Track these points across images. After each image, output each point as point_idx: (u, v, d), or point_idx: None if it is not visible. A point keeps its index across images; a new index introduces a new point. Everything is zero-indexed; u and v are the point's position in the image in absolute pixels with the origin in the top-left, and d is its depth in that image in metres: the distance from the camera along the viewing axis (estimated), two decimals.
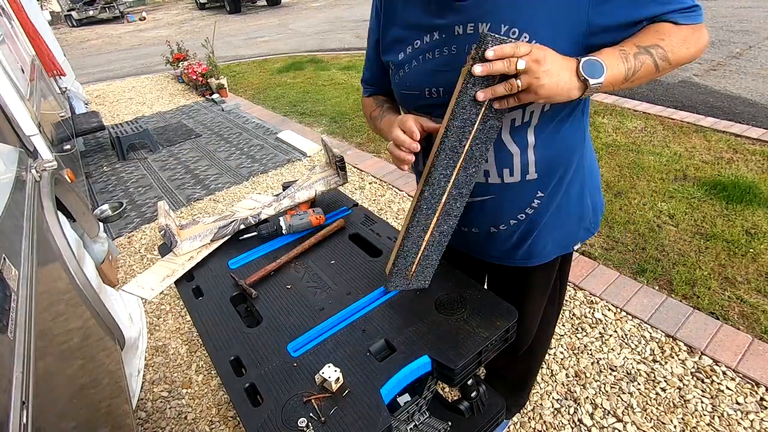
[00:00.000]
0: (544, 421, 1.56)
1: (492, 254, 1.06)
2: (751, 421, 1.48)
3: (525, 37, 0.74)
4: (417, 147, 0.84)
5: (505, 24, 0.75)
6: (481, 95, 0.71)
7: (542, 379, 1.70)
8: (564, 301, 1.57)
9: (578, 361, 1.75)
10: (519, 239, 1.01)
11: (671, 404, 1.56)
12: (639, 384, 1.64)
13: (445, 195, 0.84)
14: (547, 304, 1.22)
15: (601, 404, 1.59)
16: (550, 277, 1.14)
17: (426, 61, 0.85)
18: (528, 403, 1.62)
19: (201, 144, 4.23)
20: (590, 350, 1.79)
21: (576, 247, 1.09)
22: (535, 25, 0.74)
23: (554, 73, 0.68)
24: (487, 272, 1.26)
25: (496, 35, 0.67)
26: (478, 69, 0.68)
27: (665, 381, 1.64)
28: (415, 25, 0.86)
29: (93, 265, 1.73)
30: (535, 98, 0.70)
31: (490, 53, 0.66)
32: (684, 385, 1.62)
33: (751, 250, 2.17)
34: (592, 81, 0.69)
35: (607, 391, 1.63)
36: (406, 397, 1.01)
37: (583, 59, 0.70)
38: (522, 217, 0.97)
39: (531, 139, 0.86)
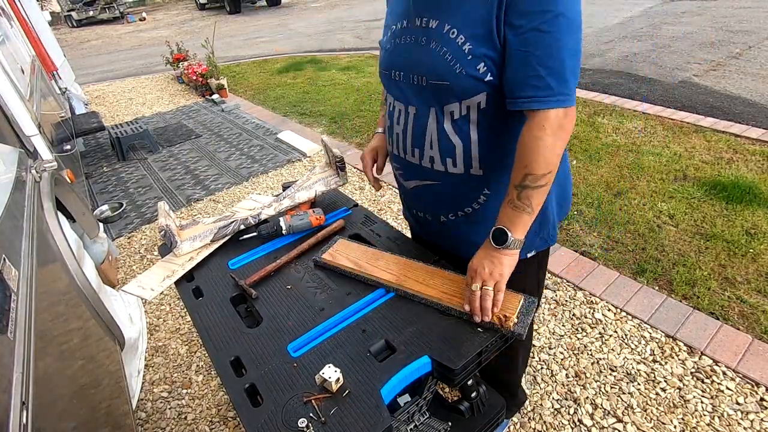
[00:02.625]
0: (544, 422, 1.56)
1: (445, 244, 1.14)
2: (751, 421, 1.48)
3: (461, 38, 0.83)
4: (372, 178, 1.22)
5: (448, 24, 0.84)
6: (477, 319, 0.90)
7: (542, 379, 1.70)
8: (542, 298, 1.55)
9: (578, 362, 1.75)
10: (466, 233, 1.05)
11: (671, 404, 1.56)
12: (639, 384, 1.64)
13: None
14: None
15: (601, 404, 1.59)
16: None
17: (396, 45, 0.96)
18: (528, 403, 1.62)
19: (201, 144, 4.23)
20: (590, 350, 1.79)
21: (529, 255, 1.08)
22: (467, 29, 0.82)
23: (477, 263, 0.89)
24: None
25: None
26: (477, 319, 0.89)
27: (665, 381, 1.64)
28: (395, 11, 0.98)
29: (93, 266, 1.73)
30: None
31: (476, 319, 0.89)
32: (684, 385, 1.62)
33: (751, 250, 2.17)
34: (503, 246, 0.86)
35: (607, 392, 1.63)
36: (406, 398, 1.01)
37: (491, 234, 0.88)
38: (468, 210, 1.01)
39: (474, 135, 0.91)
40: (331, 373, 0.79)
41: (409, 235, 1.32)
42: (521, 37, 0.77)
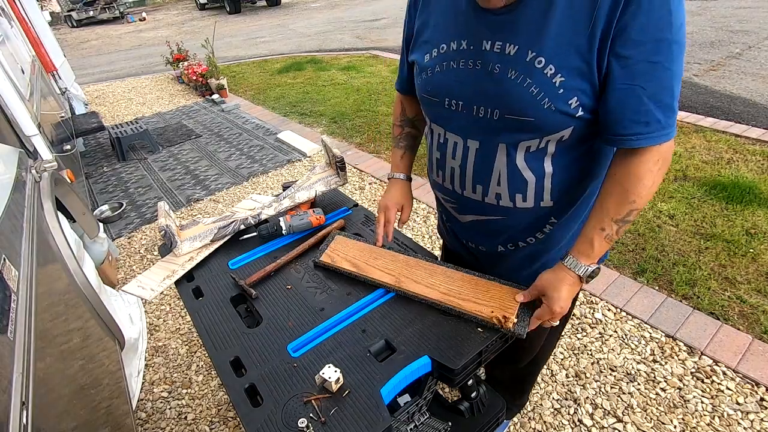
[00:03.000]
0: (544, 422, 1.56)
1: (497, 270, 1.06)
2: (751, 421, 1.48)
3: (550, 69, 0.72)
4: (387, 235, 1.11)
5: (532, 51, 0.73)
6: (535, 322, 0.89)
7: (542, 379, 1.70)
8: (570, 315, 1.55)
9: (578, 361, 1.75)
10: (525, 261, 1.00)
11: (671, 404, 1.56)
12: (639, 384, 1.64)
13: None
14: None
15: (601, 404, 1.59)
16: None
17: (449, 69, 0.83)
18: (528, 403, 1.62)
19: (201, 144, 4.23)
20: (590, 350, 1.79)
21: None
22: (560, 59, 0.71)
23: (567, 304, 0.85)
24: None
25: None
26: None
27: (665, 381, 1.64)
28: (445, 28, 0.84)
29: (93, 266, 1.73)
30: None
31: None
32: (684, 385, 1.62)
33: (751, 250, 2.17)
34: (592, 280, 0.85)
35: (607, 392, 1.63)
36: (406, 398, 1.01)
37: (586, 277, 0.82)
38: (531, 240, 0.96)
39: (549, 168, 0.83)
40: (331, 373, 0.79)
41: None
42: (630, 69, 0.68)
